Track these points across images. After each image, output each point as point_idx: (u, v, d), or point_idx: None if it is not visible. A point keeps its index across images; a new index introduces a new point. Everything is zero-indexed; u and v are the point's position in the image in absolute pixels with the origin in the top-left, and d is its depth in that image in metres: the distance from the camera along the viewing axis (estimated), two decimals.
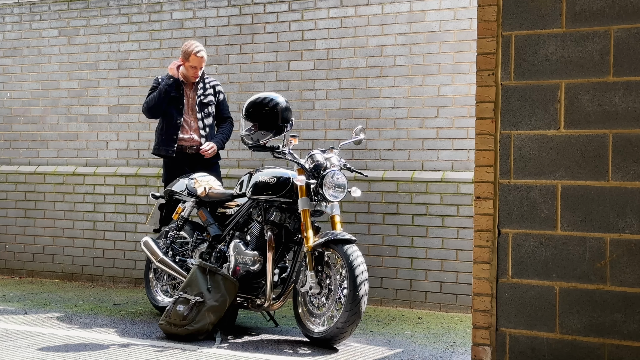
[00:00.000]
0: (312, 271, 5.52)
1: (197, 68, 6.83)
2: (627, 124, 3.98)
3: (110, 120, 8.40)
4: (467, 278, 6.69)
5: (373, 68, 7.24)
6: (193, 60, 6.81)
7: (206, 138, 6.91)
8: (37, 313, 6.56)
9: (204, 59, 6.85)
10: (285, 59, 7.60)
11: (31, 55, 8.81)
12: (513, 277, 4.21)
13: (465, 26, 6.87)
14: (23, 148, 8.84)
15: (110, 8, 8.44)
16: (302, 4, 7.53)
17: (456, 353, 5.39)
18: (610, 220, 4.00)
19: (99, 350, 5.23)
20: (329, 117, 7.41)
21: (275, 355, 5.22)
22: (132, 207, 8.19)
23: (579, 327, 4.06)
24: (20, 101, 8.86)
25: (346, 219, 7.02)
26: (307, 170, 5.69)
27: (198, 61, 6.82)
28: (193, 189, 6.42)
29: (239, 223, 6.17)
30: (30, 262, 8.67)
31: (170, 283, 6.63)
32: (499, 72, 4.26)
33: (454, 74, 6.92)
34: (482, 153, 4.29)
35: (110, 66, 8.42)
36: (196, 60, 6.81)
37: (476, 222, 4.30)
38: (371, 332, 6.03)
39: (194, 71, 6.84)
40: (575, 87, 4.09)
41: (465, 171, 6.84)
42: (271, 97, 5.96)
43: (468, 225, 6.70)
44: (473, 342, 4.32)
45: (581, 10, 4.07)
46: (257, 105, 5.91)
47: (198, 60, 6.81)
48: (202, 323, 5.59)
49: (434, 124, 7.00)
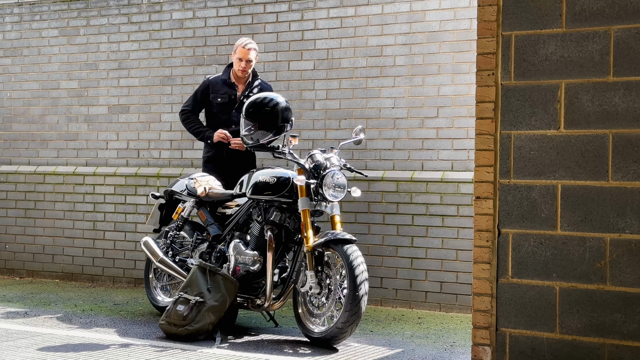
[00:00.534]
0: (312, 271, 5.52)
1: (243, 60, 6.67)
2: (627, 124, 3.98)
3: (110, 120, 8.40)
4: (467, 278, 6.69)
5: (373, 68, 7.24)
6: (239, 52, 6.69)
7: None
8: (37, 313, 6.56)
9: (250, 51, 6.69)
10: (285, 59, 7.60)
11: (31, 55, 8.82)
12: (513, 277, 4.21)
13: (465, 26, 6.87)
14: (23, 148, 8.84)
15: (110, 8, 8.44)
16: (302, 4, 7.53)
17: (456, 353, 5.39)
18: (610, 220, 4.00)
19: (99, 350, 5.23)
20: (329, 117, 7.41)
21: (275, 355, 5.22)
22: (132, 207, 8.19)
23: (579, 327, 4.06)
24: (20, 101, 8.86)
25: (346, 219, 7.02)
26: (307, 170, 5.69)
27: (243, 53, 6.67)
28: (193, 189, 6.42)
29: (239, 223, 6.17)
30: (30, 262, 8.67)
31: (170, 283, 6.63)
32: (499, 72, 4.26)
33: (454, 74, 6.92)
34: (482, 153, 4.29)
35: (110, 66, 8.42)
36: (241, 52, 6.68)
37: (476, 222, 4.30)
38: (371, 332, 6.03)
39: (239, 64, 6.69)
40: (575, 87, 4.09)
41: (465, 171, 6.84)
42: (271, 97, 5.96)
43: (468, 225, 6.70)
44: (473, 342, 4.32)
45: (581, 10, 4.07)
46: (257, 105, 5.91)
47: (243, 52, 6.67)
48: (202, 323, 5.59)
49: (434, 124, 7.00)
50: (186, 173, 7.65)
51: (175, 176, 7.74)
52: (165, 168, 8.10)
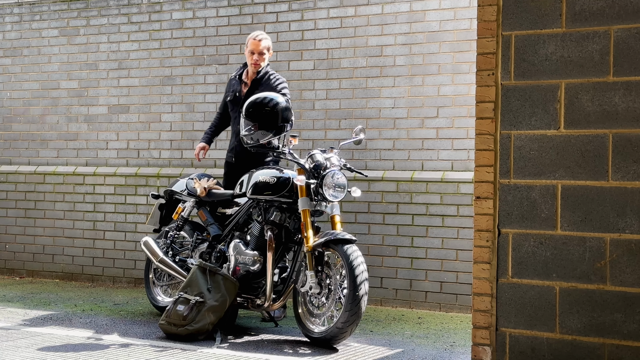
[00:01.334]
0: (312, 271, 5.52)
1: (255, 53, 6.48)
2: (627, 124, 3.98)
3: (110, 120, 8.40)
4: (467, 278, 6.69)
5: (373, 68, 7.24)
6: (250, 45, 6.51)
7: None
8: (37, 313, 6.56)
9: (261, 42, 6.49)
10: (285, 59, 7.60)
11: (31, 55, 8.81)
12: (513, 277, 4.21)
13: (465, 26, 6.87)
14: (23, 148, 8.84)
15: (110, 8, 8.44)
16: (302, 4, 7.53)
17: (456, 353, 5.39)
18: (610, 220, 4.00)
19: (99, 350, 5.23)
20: (329, 117, 7.41)
21: (275, 355, 5.22)
22: (132, 207, 8.19)
23: (579, 327, 4.06)
24: (20, 101, 8.86)
25: (346, 219, 7.02)
26: (307, 170, 5.69)
27: (254, 45, 6.47)
28: (193, 188, 6.42)
29: (239, 223, 6.17)
30: (30, 262, 8.67)
31: (170, 283, 6.63)
32: (499, 72, 4.26)
33: (454, 74, 6.92)
34: (482, 153, 4.29)
35: (110, 66, 8.42)
36: (253, 44, 6.49)
37: (476, 222, 4.30)
38: (371, 332, 6.03)
39: (251, 57, 6.50)
40: (575, 87, 4.09)
41: (465, 171, 6.84)
42: (271, 97, 5.96)
43: (468, 225, 6.70)
44: (473, 342, 4.32)
45: (581, 10, 4.07)
46: (257, 105, 5.91)
47: (255, 44, 6.47)
48: (202, 323, 5.59)
49: (434, 124, 7.00)
50: (186, 173, 7.66)
51: (175, 176, 7.74)
52: (165, 168, 8.10)
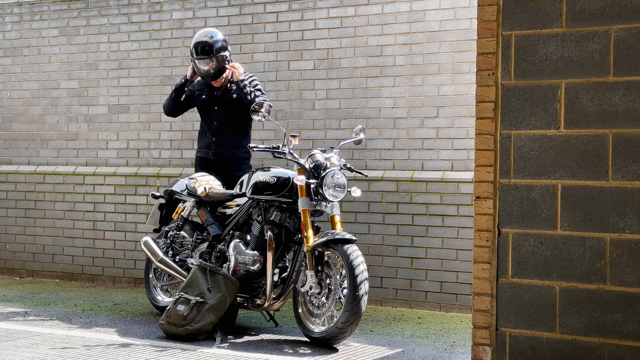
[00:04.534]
0: (312, 271, 5.52)
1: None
2: (627, 124, 3.98)
3: (110, 120, 8.40)
4: (467, 278, 6.69)
5: (373, 68, 7.24)
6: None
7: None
8: (37, 313, 6.56)
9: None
10: (285, 59, 7.60)
11: (31, 55, 8.82)
12: (513, 277, 4.21)
13: (465, 26, 6.87)
14: (23, 148, 8.84)
15: (110, 8, 8.44)
16: (302, 4, 7.53)
17: (456, 353, 5.39)
18: (610, 220, 4.00)
19: (99, 350, 5.23)
20: (329, 117, 7.41)
21: (275, 355, 5.22)
22: (132, 207, 8.19)
23: (579, 327, 4.06)
24: (20, 101, 8.87)
25: (346, 219, 7.02)
26: (307, 170, 5.69)
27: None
28: (193, 188, 6.42)
29: (239, 223, 6.17)
30: (30, 262, 8.67)
31: (170, 283, 6.63)
32: (499, 72, 4.26)
33: (454, 74, 6.92)
34: (482, 153, 4.29)
35: (110, 66, 8.42)
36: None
37: (476, 222, 4.30)
38: (371, 332, 6.03)
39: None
40: (575, 87, 4.09)
41: (465, 171, 6.84)
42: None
43: (468, 225, 6.70)
44: (473, 342, 4.32)
45: (581, 10, 4.07)
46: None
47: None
48: (202, 323, 5.59)
49: (434, 124, 7.00)
50: (186, 173, 7.66)
51: (175, 176, 7.74)
52: (165, 168, 8.10)
